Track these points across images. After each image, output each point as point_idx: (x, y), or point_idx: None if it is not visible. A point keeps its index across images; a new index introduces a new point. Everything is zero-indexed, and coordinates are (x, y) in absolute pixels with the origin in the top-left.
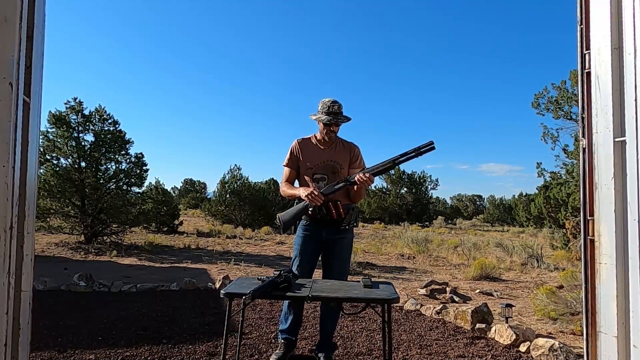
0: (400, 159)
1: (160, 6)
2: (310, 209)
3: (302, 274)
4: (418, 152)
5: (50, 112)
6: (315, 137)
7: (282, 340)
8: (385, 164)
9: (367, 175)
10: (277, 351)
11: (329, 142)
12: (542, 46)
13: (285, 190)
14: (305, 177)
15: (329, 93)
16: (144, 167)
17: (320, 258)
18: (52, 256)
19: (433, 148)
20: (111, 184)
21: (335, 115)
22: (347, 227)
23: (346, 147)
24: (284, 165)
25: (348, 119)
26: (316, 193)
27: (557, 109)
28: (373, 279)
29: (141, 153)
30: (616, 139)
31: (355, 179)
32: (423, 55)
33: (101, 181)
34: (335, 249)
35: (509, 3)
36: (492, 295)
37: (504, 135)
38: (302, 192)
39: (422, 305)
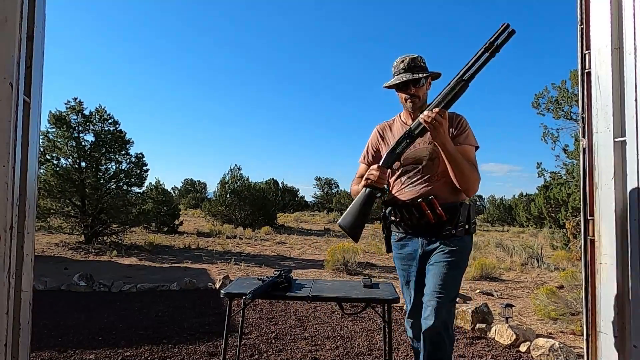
0: (472, 69)
1: (162, 2)
2: (379, 195)
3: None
4: (493, 49)
5: (50, 112)
6: (400, 116)
7: None
8: (451, 85)
9: (433, 110)
10: None
11: (417, 116)
12: (542, 46)
13: (353, 187)
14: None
15: (330, 92)
16: (144, 167)
17: None
18: (52, 256)
19: (512, 33)
20: (111, 184)
21: (410, 71)
22: (453, 231)
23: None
24: (360, 162)
25: (434, 75)
26: (375, 169)
27: (558, 109)
28: (373, 279)
29: (141, 153)
30: (616, 139)
31: (420, 120)
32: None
33: (101, 181)
34: (431, 263)
35: (510, 3)
36: (493, 296)
37: (504, 136)
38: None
39: None
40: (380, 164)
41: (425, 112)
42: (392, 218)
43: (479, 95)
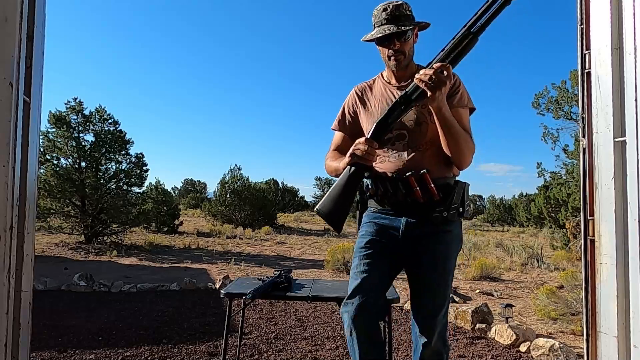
0: (482, 20)
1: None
2: (367, 175)
3: (366, 294)
4: None
5: (50, 112)
6: (382, 75)
7: None
8: (457, 40)
9: (436, 65)
10: None
11: (402, 75)
12: (542, 46)
13: (329, 164)
14: None
15: (331, 91)
16: (144, 167)
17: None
18: (52, 256)
19: None
20: (111, 184)
21: (394, 21)
22: (444, 214)
23: None
24: (333, 129)
25: (422, 25)
26: (362, 142)
27: (558, 109)
28: None
29: (141, 153)
30: (616, 139)
31: (415, 81)
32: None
33: (101, 181)
34: (422, 251)
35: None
36: (493, 296)
37: (504, 136)
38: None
39: None
40: (368, 137)
41: (423, 71)
42: (371, 193)
43: (478, 94)
